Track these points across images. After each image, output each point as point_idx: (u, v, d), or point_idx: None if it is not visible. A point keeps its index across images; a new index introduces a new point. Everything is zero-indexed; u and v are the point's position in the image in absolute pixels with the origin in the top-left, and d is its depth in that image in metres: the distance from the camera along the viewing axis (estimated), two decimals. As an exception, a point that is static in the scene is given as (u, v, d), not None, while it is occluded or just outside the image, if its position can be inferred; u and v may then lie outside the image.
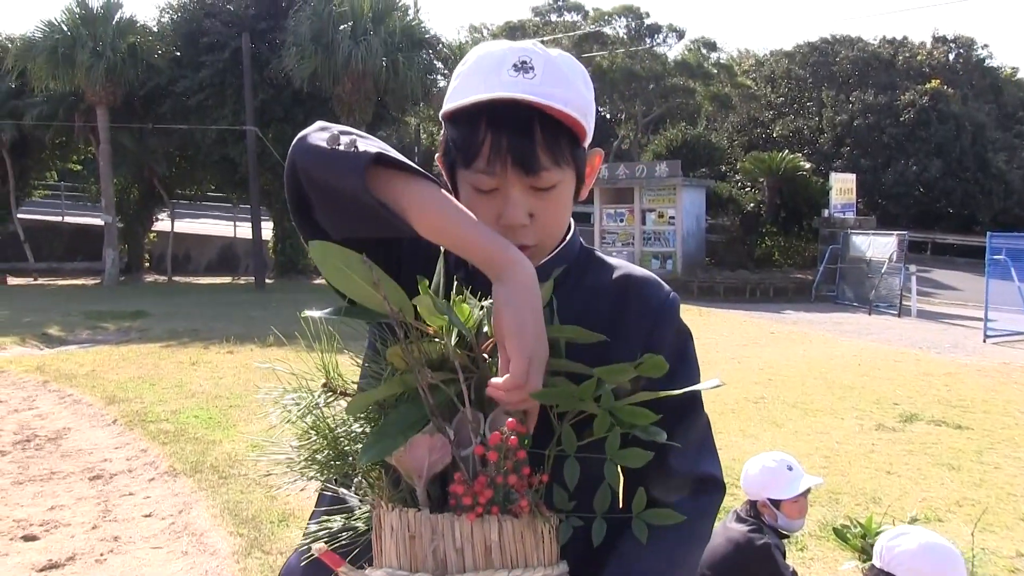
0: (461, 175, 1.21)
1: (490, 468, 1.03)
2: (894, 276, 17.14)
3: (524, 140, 1.15)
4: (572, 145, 1.20)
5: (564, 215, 1.26)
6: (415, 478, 1.05)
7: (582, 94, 1.21)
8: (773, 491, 3.35)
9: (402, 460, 1.04)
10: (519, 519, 1.04)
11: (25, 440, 7.00)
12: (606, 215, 22.28)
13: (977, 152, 29.12)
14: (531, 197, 1.19)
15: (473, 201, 1.20)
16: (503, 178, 1.17)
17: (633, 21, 36.14)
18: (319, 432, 1.11)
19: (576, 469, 1.09)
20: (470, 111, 1.16)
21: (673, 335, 1.30)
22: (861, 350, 11.94)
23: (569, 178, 1.22)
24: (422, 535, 1.04)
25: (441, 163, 1.26)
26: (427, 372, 1.05)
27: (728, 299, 19.28)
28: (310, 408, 1.12)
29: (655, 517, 1.16)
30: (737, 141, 33.64)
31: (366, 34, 22.40)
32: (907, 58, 32.96)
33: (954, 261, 25.64)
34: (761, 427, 7.33)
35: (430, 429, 1.05)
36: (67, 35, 23.22)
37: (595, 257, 1.36)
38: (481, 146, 1.16)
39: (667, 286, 1.35)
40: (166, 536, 4.85)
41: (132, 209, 27.41)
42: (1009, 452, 6.61)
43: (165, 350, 11.81)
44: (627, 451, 1.11)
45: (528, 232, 1.21)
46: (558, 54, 1.21)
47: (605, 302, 1.28)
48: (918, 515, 4.07)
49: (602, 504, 1.13)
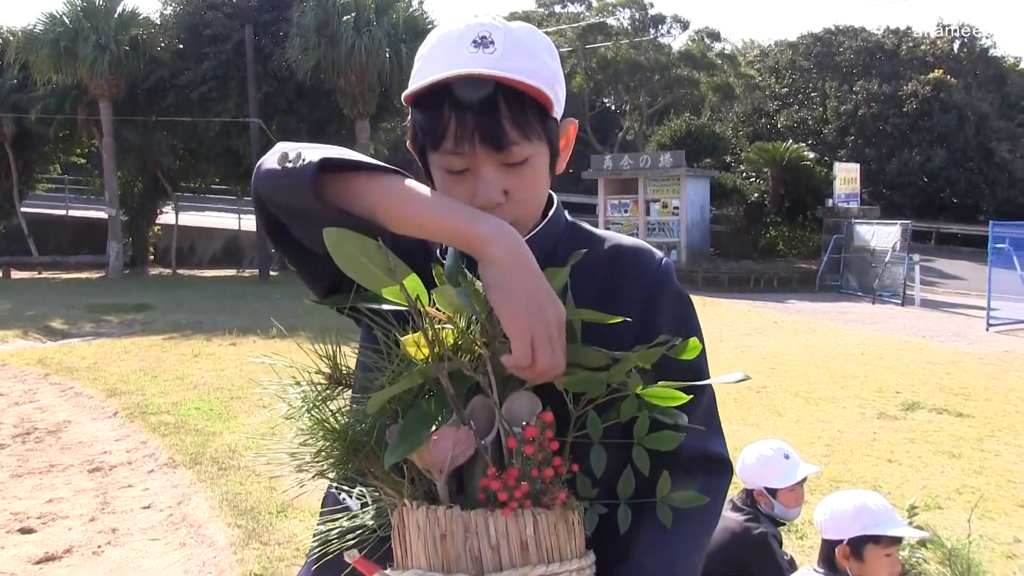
0: (432, 159, 1.19)
1: (522, 460, 1.00)
2: (898, 265, 17.10)
3: (489, 116, 1.12)
4: (541, 117, 1.17)
5: (540, 189, 1.23)
6: (435, 473, 1.02)
7: (547, 64, 1.18)
8: (770, 480, 3.34)
9: (424, 456, 1.00)
10: (551, 511, 1.01)
11: (25, 433, 7.01)
12: (610, 205, 22.25)
13: (981, 142, 29.02)
14: (504, 174, 1.16)
15: (447, 184, 1.18)
16: (473, 157, 1.14)
17: (637, 12, 35.96)
18: (326, 427, 1.06)
19: (603, 456, 1.07)
20: (433, 92, 1.13)
21: (670, 303, 1.27)
22: (864, 339, 11.92)
23: (542, 151, 1.19)
24: (454, 533, 0.99)
25: (412, 149, 1.24)
26: (450, 361, 1.01)
27: (732, 289, 19.25)
28: (315, 402, 1.08)
29: (680, 500, 1.13)
30: (741, 131, 33.56)
31: (369, 25, 22.34)
32: (911, 48, 32.82)
33: (958, 250, 25.57)
34: (763, 416, 7.33)
35: (454, 421, 1.01)
36: (69, 28, 23.18)
37: (582, 230, 1.33)
38: (447, 127, 1.13)
39: (659, 252, 1.32)
40: (164, 528, 4.86)
41: (136, 202, 27.42)
42: (1009, 440, 6.59)
43: (168, 343, 11.82)
44: (658, 435, 1.08)
45: (505, 210, 1.17)
46: (519, 26, 1.18)
47: (597, 275, 1.25)
48: (917, 503, 4.05)
49: (626, 490, 1.11)
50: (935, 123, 28.99)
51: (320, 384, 1.10)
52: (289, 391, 1.10)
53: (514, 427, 1.02)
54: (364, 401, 1.03)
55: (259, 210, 1.12)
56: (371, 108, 23.20)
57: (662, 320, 1.24)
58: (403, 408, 1.02)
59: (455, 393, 1.01)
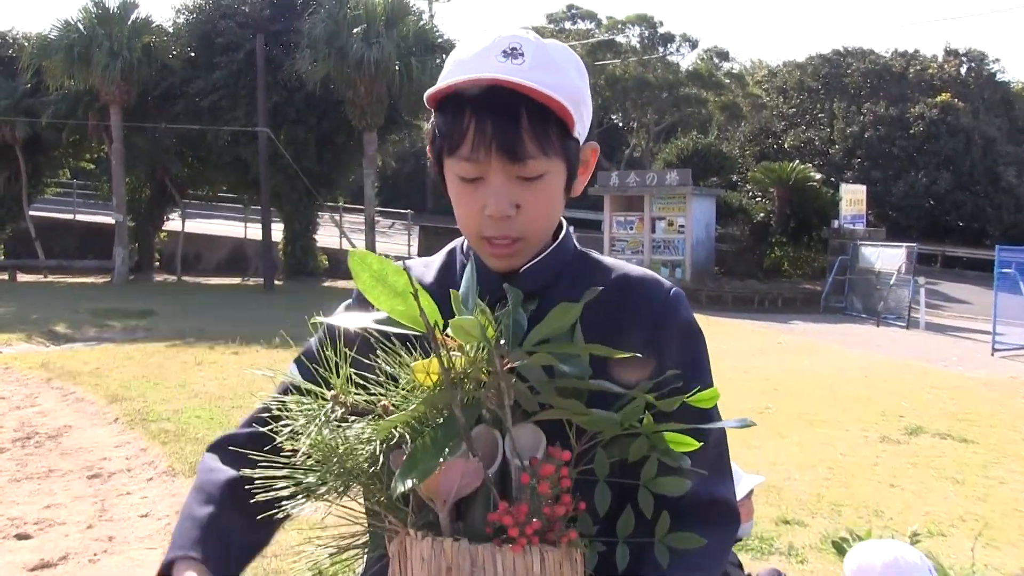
0: (447, 164, 1.18)
1: (533, 496, 0.99)
2: (903, 288, 17.06)
3: (509, 126, 1.11)
4: (562, 135, 1.15)
5: (553, 208, 1.20)
6: (439, 503, 1.00)
7: (574, 82, 1.16)
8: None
9: (431, 485, 0.98)
10: (557, 548, 1.00)
11: (25, 437, 7.00)
12: (616, 222, 22.25)
13: (987, 166, 29.00)
14: (517, 187, 1.14)
15: (460, 192, 1.17)
16: (487, 166, 1.13)
17: (647, 30, 36.12)
18: (328, 450, 1.03)
19: (607, 494, 1.06)
20: (457, 98, 1.13)
21: (679, 334, 1.24)
22: (868, 362, 11.88)
23: (558, 169, 1.17)
24: (460, 567, 0.97)
25: (430, 153, 1.23)
26: (464, 389, 1.00)
27: (737, 309, 19.21)
28: (321, 423, 1.03)
29: (679, 541, 1.09)
30: (748, 151, 33.55)
31: (379, 37, 22.43)
32: (918, 71, 32.83)
33: (963, 274, 25.51)
34: (766, 438, 7.29)
35: (464, 452, 0.99)
36: (83, 34, 23.33)
37: (590, 259, 1.30)
38: (465, 132, 1.12)
39: (667, 282, 1.28)
40: (161, 536, 4.83)
41: (143, 208, 27.48)
42: (1014, 467, 6.55)
43: (171, 349, 11.82)
44: (665, 479, 1.07)
45: (513, 224, 1.15)
46: (551, 43, 1.17)
47: (604, 306, 1.21)
48: (919, 529, 4.01)
49: (625, 528, 1.09)
50: (942, 146, 28.97)
51: (324, 402, 1.06)
52: (290, 407, 1.07)
53: (515, 459, 1.01)
54: (365, 423, 1.02)
55: None
56: (379, 120, 23.27)
57: (670, 352, 1.21)
58: (410, 434, 1.01)
59: (466, 423, 1.00)
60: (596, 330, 1.11)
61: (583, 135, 1.21)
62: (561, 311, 0.99)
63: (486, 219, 1.15)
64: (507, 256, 1.19)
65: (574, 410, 1.02)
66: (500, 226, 1.16)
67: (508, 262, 1.20)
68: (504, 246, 1.18)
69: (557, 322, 0.99)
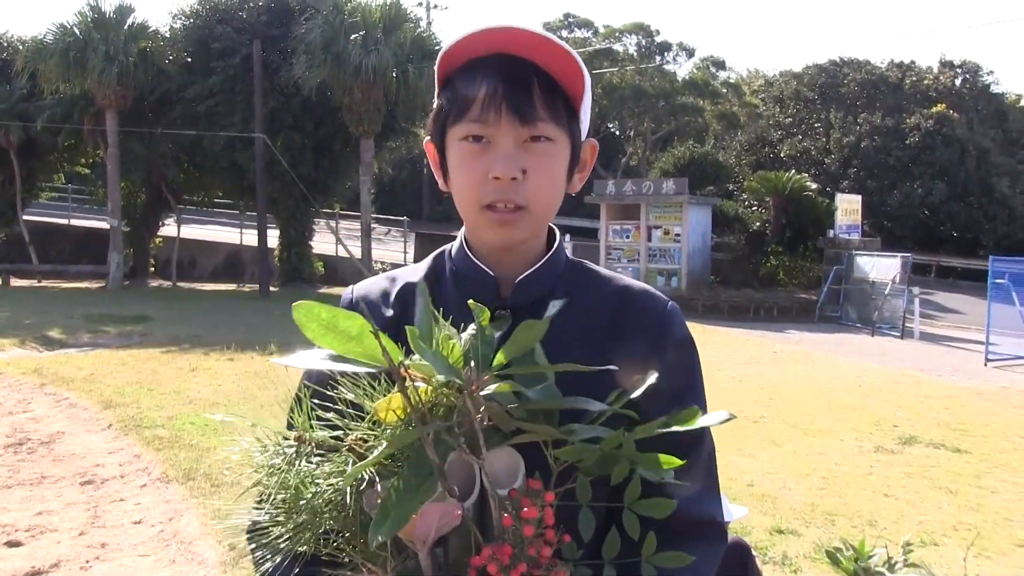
0: (452, 133, 1.18)
1: (516, 538, 0.96)
2: (897, 298, 17.09)
3: (521, 88, 1.13)
4: (569, 111, 1.18)
5: (556, 183, 1.20)
6: (419, 544, 0.97)
7: (582, 67, 1.17)
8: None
9: (407, 529, 0.95)
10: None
11: (17, 443, 6.97)
12: (612, 231, 22.26)
13: (981, 177, 29.12)
14: (524, 152, 1.15)
15: (463, 156, 1.17)
16: (496, 128, 1.14)
17: (643, 39, 36.20)
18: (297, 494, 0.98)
19: (591, 520, 1.04)
20: (465, 69, 1.16)
21: (674, 349, 1.23)
22: (863, 371, 11.89)
23: (564, 144, 1.18)
24: None
25: (430, 134, 1.24)
26: (433, 426, 0.94)
27: (732, 317, 19.23)
28: (285, 467, 0.99)
29: (665, 560, 1.06)
30: (744, 160, 33.64)
31: (377, 44, 22.43)
32: (914, 82, 32.97)
33: (957, 284, 25.58)
34: (760, 446, 7.29)
35: (440, 495, 0.95)
36: (79, 38, 23.27)
37: (587, 269, 1.29)
38: (476, 93, 1.14)
39: (664, 296, 1.28)
40: (154, 544, 4.82)
41: (139, 213, 27.40)
42: (1007, 477, 6.56)
43: (165, 355, 11.80)
44: (650, 501, 1.05)
45: (519, 189, 1.15)
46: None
47: (601, 318, 1.21)
48: (912, 539, 4.01)
49: (611, 551, 1.07)
50: (937, 157, 29.09)
51: (289, 447, 1.02)
52: (255, 456, 1.02)
53: (498, 489, 0.97)
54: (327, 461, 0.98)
55: None
56: (376, 127, 23.26)
57: (665, 366, 1.17)
58: (379, 472, 0.97)
59: (440, 463, 0.95)
60: (595, 337, 1.11)
61: (585, 128, 1.22)
62: (525, 329, 0.94)
63: (490, 184, 1.15)
64: (508, 224, 1.17)
65: (548, 434, 0.99)
66: (505, 190, 1.15)
67: (509, 231, 1.18)
68: (507, 212, 1.16)
69: (522, 340, 0.95)
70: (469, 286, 1.20)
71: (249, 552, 1.08)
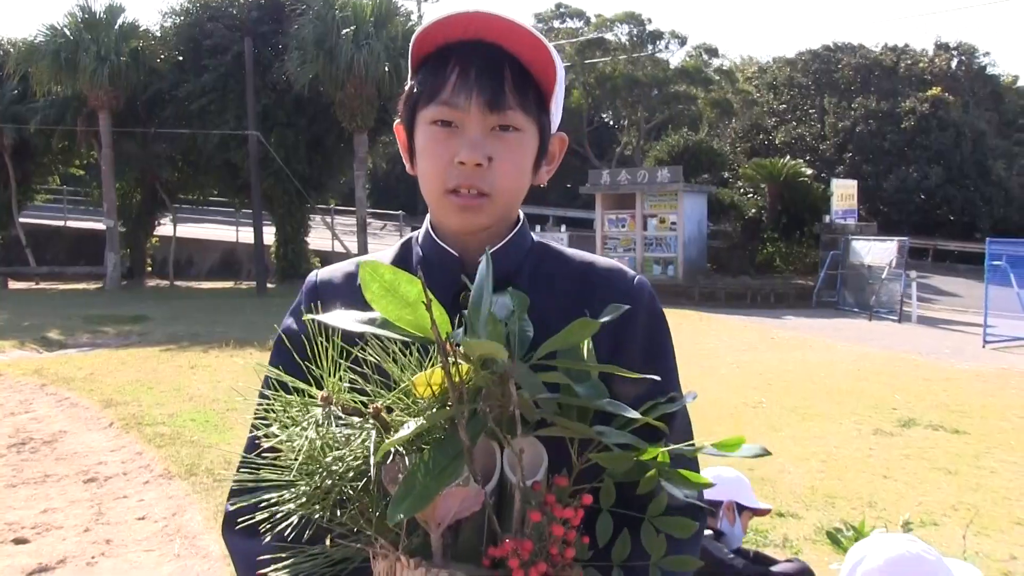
0: (421, 116, 1.18)
1: (538, 532, 0.93)
2: (894, 282, 17.13)
3: (492, 75, 1.14)
4: (539, 103, 1.18)
5: (522, 172, 1.20)
6: (432, 526, 0.93)
7: (555, 56, 1.17)
8: (742, 497, 3.33)
9: (426, 510, 0.91)
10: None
11: (20, 443, 6.99)
12: (608, 221, 22.28)
13: (977, 159, 29.14)
14: (492, 139, 1.15)
15: (432, 139, 1.17)
16: (466, 112, 1.14)
17: (635, 28, 36.13)
18: (316, 460, 0.94)
19: (610, 525, 1.03)
20: (438, 53, 1.16)
21: (643, 321, 1.23)
22: (860, 355, 11.93)
23: (532, 134, 1.19)
24: None
25: (398, 125, 1.25)
26: (470, 406, 0.92)
27: (729, 305, 19.25)
28: (310, 426, 0.94)
29: (675, 565, 1.04)
30: (739, 147, 33.66)
31: (368, 39, 22.40)
32: (909, 65, 32.97)
33: (954, 267, 25.62)
34: (759, 432, 7.31)
35: (465, 478, 0.92)
36: (70, 39, 23.25)
37: (551, 250, 1.30)
38: (448, 77, 1.14)
39: (632, 271, 1.28)
40: (159, 539, 4.84)
41: (134, 213, 27.39)
42: (1005, 457, 6.59)
43: (165, 354, 11.81)
44: (673, 519, 1.02)
45: (484, 176, 1.15)
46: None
47: (569, 294, 1.21)
48: (912, 519, 4.05)
49: (621, 554, 1.04)
50: (932, 140, 29.10)
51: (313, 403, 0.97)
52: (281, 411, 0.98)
53: (521, 481, 0.95)
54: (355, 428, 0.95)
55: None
56: (370, 121, 23.23)
57: (635, 339, 1.21)
58: (404, 447, 0.94)
59: (470, 445, 0.92)
60: (562, 316, 1.06)
61: (556, 118, 1.22)
62: (580, 325, 0.92)
63: (455, 168, 1.15)
64: (471, 210, 1.17)
65: (579, 431, 0.96)
66: (470, 175, 1.15)
67: (472, 217, 1.18)
68: (470, 198, 1.16)
69: (572, 336, 0.93)
70: (435, 270, 1.20)
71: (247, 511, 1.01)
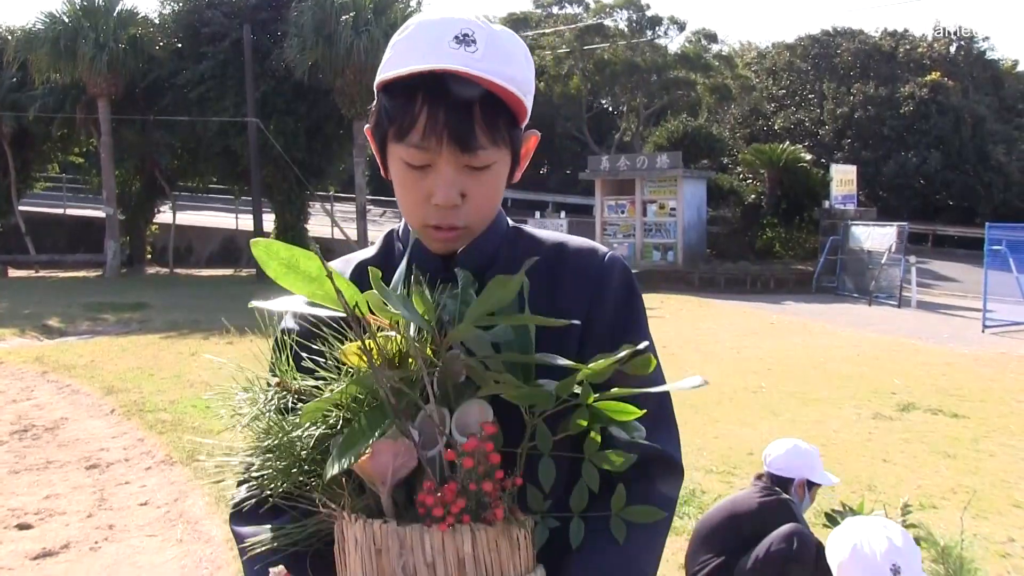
0: (392, 149, 1.16)
1: (462, 473, 0.97)
2: (894, 267, 17.13)
3: (462, 116, 1.10)
4: (510, 125, 1.15)
5: (497, 196, 1.21)
6: (379, 485, 0.99)
7: (524, 72, 1.16)
8: (812, 474, 3.47)
9: (365, 467, 0.98)
10: (493, 526, 0.98)
11: (22, 430, 7.02)
12: (607, 207, 22.27)
13: (977, 144, 29.08)
14: (464, 176, 1.14)
15: (405, 178, 1.16)
16: (437, 154, 1.12)
17: (634, 13, 36.00)
18: (274, 436, 1.02)
19: (552, 469, 1.05)
20: (407, 82, 1.11)
21: (614, 295, 1.24)
22: (860, 340, 11.95)
23: (504, 159, 1.17)
24: (389, 548, 0.96)
25: (370, 135, 1.22)
26: (388, 373, 0.98)
27: (729, 290, 19.27)
28: (263, 409, 1.04)
29: (636, 515, 1.09)
30: (739, 133, 33.61)
31: (368, 25, 22.33)
32: (908, 50, 32.88)
33: (954, 252, 25.62)
34: (759, 416, 7.35)
35: (393, 433, 0.98)
36: (68, 27, 23.18)
37: (524, 233, 1.31)
38: (416, 119, 1.11)
39: (603, 248, 1.29)
40: (161, 524, 4.87)
41: (134, 201, 27.38)
42: (1004, 440, 6.62)
43: (165, 341, 11.84)
44: (608, 452, 1.05)
45: (459, 213, 1.16)
46: (501, 29, 1.16)
47: (540, 275, 1.20)
48: (911, 502, 4.07)
49: (579, 503, 1.08)
50: (932, 125, 29.04)
51: (269, 390, 1.07)
52: (237, 396, 1.08)
53: (460, 437, 1.00)
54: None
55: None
56: (369, 108, 23.18)
57: (606, 313, 1.21)
58: (351, 420, 1.00)
59: (396, 404, 0.98)
60: (533, 296, 1.11)
61: (526, 119, 1.21)
62: (497, 284, 0.96)
63: (431, 207, 1.15)
64: (449, 240, 1.20)
65: (509, 384, 0.99)
66: (446, 215, 1.16)
67: (451, 245, 1.21)
68: (448, 231, 1.18)
69: (496, 295, 0.97)
70: (417, 263, 1.20)
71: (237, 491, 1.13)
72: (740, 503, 3.47)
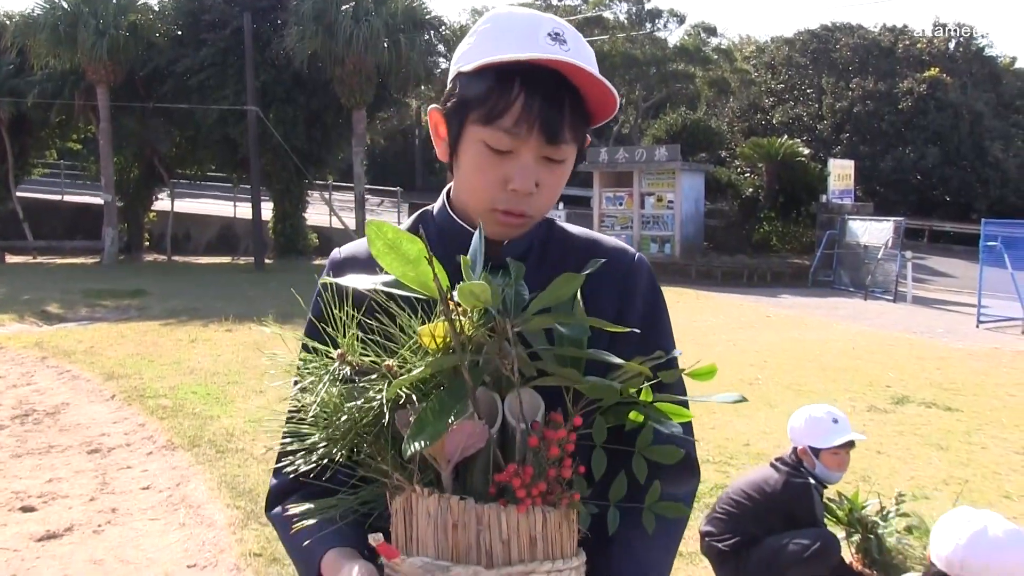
0: (474, 131, 1.18)
1: (542, 458, 1.02)
2: (890, 262, 17.18)
3: (556, 108, 1.15)
4: (585, 124, 1.21)
5: (561, 190, 1.25)
6: (443, 463, 1.02)
7: (616, 98, 1.20)
8: (814, 439, 3.62)
9: (437, 446, 1.00)
10: (557, 510, 1.03)
11: (23, 414, 7.07)
12: (605, 198, 22.28)
13: (975, 141, 29.10)
14: (541, 166, 1.19)
15: (481, 160, 1.19)
16: (523, 141, 1.16)
17: (633, 6, 36.02)
18: (335, 407, 1.05)
19: (603, 460, 1.10)
20: (501, 69, 1.14)
21: (642, 295, 1.31)
22: (856, 334, 12.01)
23: (573, 155, 1.23)
24: (467, 524, 1.00)
25: (441, 116, 1.24)
26: (471, 354, 1.02)
27: (726, 283, 19.33)
28: (331, 379, 1.06)
29: (665, 510, 1.15)
30: (737, 127, 33.61)
31: (368, 15, 22.34)
32: (907, 46, 32.87)
33: (950, 248, 25.68)
34: (755, 408, 7.40)
35: (471, 414, 1.01)
36: (68, 12, 23.15)
37: (556, 227, 1.35)
38: (512, 104, 1.14)
39: (632, 248, 1.35)
40: (163, 508, 4.93)
41: (132, 188, 27.38)
42: (996, 433, 6.69)
43: (164, 328, 11.87)
44: (661, 447, 1.12)
45: (531, 201, 1.20)
46: (575, 31, 1.22)
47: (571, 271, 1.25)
48: (905, 492, 4.14)
49: (617, 493, 1.13)
50: (930, 121, 29.07)
51: (331, 361, 1.09)
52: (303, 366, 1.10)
53: (521, 423, 1.05)
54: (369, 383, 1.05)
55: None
56: (368, 98, 23.20)
57: (635, 311, 1.28)
58: (416, 396, 1.04)
59: (474, 386, 1.02)
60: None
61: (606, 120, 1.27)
62: (564, 281, 1.00)
63: (506, 192, 1.19)
64: (512, 227, 1.24)
65: (578, 378, 1.04)
66: (519, 201, 1.20)
67: (510, 232, 1.25)
68: (515, 217, 1.22)
69: (559, 291, 1.01)
70: (455, 246, 1.22)
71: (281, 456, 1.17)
72: (764, 482, 3.64)
